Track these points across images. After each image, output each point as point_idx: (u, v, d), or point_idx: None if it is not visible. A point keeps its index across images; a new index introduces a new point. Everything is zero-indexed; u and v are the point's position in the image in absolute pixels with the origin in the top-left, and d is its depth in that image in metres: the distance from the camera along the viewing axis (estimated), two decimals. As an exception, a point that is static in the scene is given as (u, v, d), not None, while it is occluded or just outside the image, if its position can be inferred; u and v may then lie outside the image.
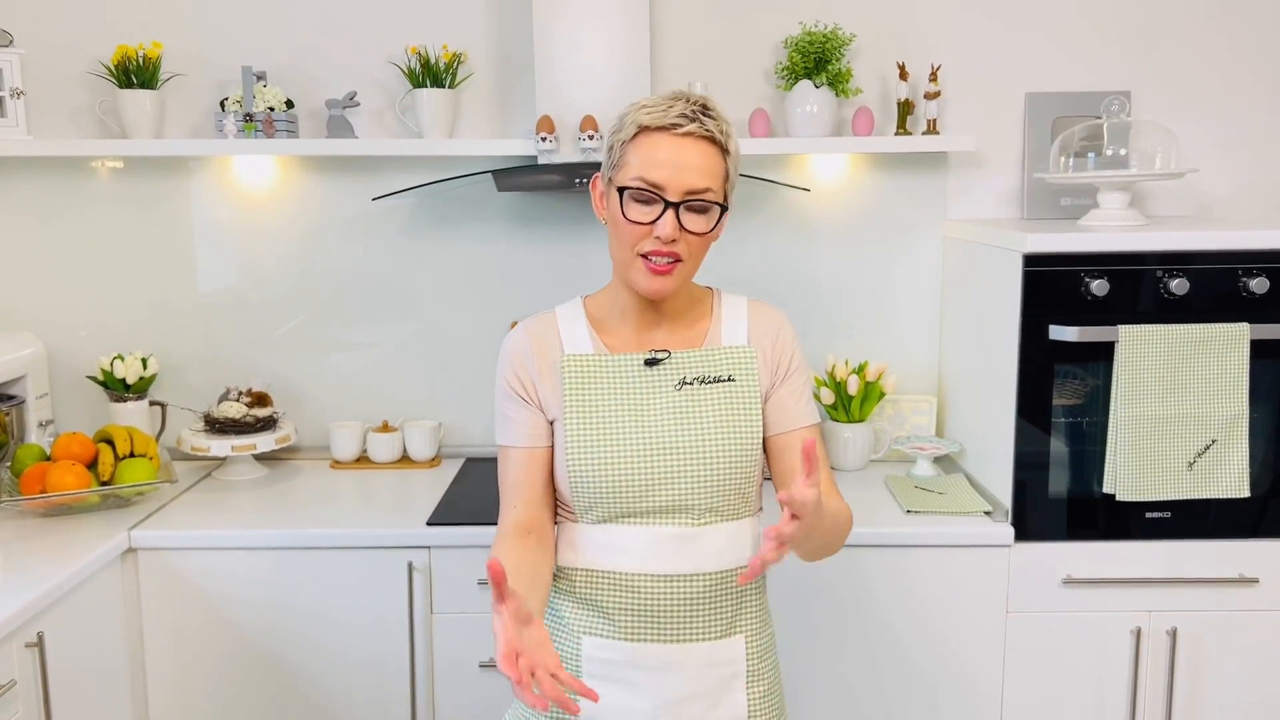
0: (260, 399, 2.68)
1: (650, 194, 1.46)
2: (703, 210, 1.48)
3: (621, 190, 1.48)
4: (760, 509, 1.61)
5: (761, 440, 1.57)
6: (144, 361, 2.67)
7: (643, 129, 1.47)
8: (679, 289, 1.53)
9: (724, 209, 1.50)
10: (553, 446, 1.57)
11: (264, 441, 2.59)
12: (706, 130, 1.47)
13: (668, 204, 1.46)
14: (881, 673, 2.31)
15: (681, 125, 1.46)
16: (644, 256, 1.48)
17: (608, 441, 1.52)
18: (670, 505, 1.52)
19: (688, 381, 1.55)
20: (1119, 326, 2.17)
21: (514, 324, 2.73)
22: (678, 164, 1.45)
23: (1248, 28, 2.69)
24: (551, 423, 1.57)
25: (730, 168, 1.51)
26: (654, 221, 1.46)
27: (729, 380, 1.56)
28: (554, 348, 1.58)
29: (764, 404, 1.58)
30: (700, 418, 1.53)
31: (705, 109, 1.48)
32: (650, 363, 1.56)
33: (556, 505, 1.60)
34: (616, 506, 1.52)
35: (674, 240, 1.46)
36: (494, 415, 1.61)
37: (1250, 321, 2.17)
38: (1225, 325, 2.17)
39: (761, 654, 1.60)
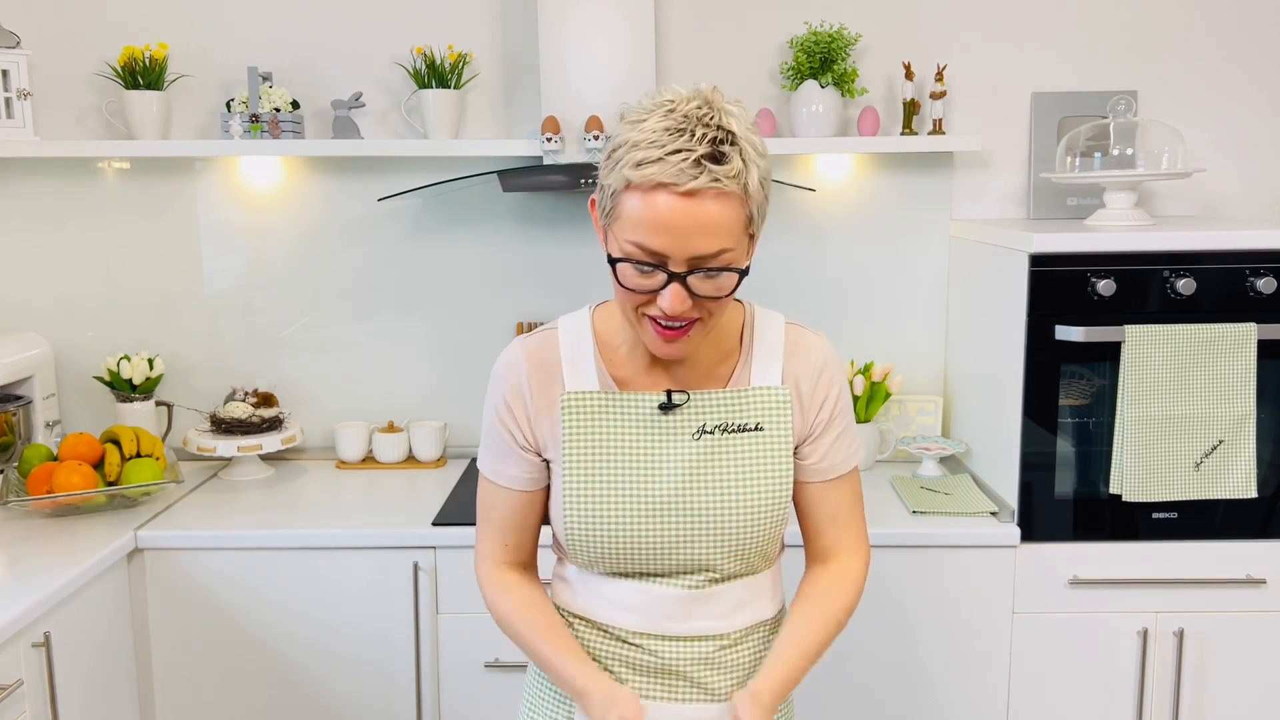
0: (266, 399, 2.68)
1: (649, 265, 1.21)
2: (717, 274, 1.22)
3: (613, 261, 1.23)
4: (782, 548, 1.47)
5: (790, 494, 1.38)
6: (150, 362, 2.68)
7: (639, 181, 1.19)
8: (701, 345, 1.30)
9: (743, 273, 1.24)
10: (549, 485, 1.39)
11: (270, 442, 2.59)
12: (717, 181, 1.17)
13: (671, 275, 1.20)
14: (888, 673, 2.30)
15: (682, 183, 1.16)
16: (652, 317, 1.25)
17: (612, 497, 1.32)
18: (683, 568, 1.35)
19: (708, 430, 1.33)
20: (1125, 327, 2.17)
21: (519, 325, 2.74)
22: (682, 227, 1.17)
23: (1255, 27, 2.68)
24: (549, 462, 1.38)
25: (754, 208, 1.23)
26: (657, 290, 1.22)
27: (757, 429, 1.34)
28: (554, 380, 1.36)
29: (797, 449, 1.38)
30: (721, 473, 1.33)
31: (717, 144, 1.18)
32: (666, 407, 1.33)
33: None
34: (620, 567, 1.36)
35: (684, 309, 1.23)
36: (480, 440, 1.42)
37: (1257, 321, 2.17)
38: (1232, 325, 2.16)
39: (781, 710, 1.45)
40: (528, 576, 1.44)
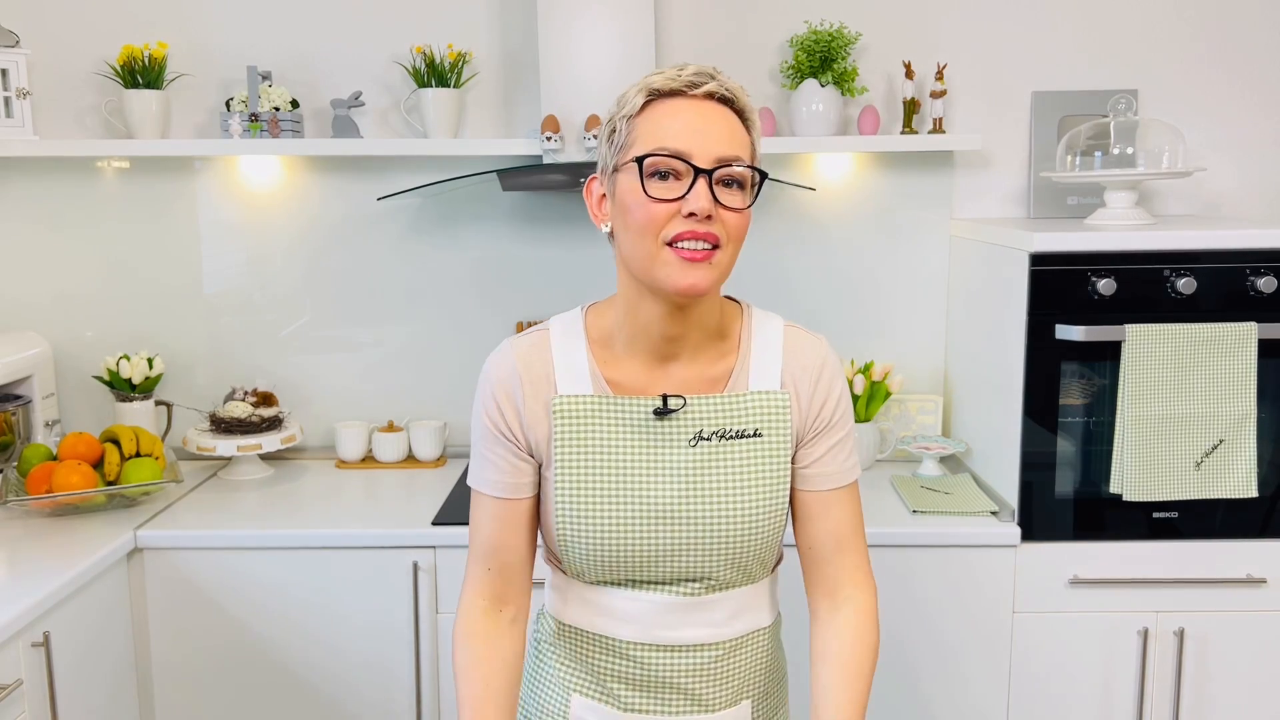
0: (266, 399, 2.68)
1: (675, 162, 1.22)
2: (737, 184, 1.24)
3: (641, 160, 1.23)
4: (780, 558, 1.43)
5: (788, 501, 1.35)
6: (150, 361, 2.68)
7: (654, 95, 1.25)
8: (717, 285, 1.27)
9: (763, 176, 1.27)
10: (539, 495, 1.36)
11: (269, 441, 2.59)
12: (728, 91, 1.25)
13: (698, 172, 1.22)
14: (887, 673, 2.30)
15: (700, 84, 1.24)
16: (671, 245, 1.23)
17: (605, 504, 1.30)
18: (677, 576, 1.33)
19: (705, 437, 1.31)
20: (1126, 326, 2.16)
21: (519, 325, 2.74)
22: (702, 129, 1.23)
23: (1255, 27, 2.68)
24: (540, 467, 1.36)
25: (755, 139, 1.28)
26: (682, 197, 1.22)
27: (755, 435, 1.32)
28: (546, 382, 1.34)
29: (794, 454, 1.36)
30: (717, 481, 1.31)
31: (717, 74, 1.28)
32: (661, 413, 1.31)
33: (539, 553, 1.42)
34: (612, 575, 1.33)
35: (709, 217, 1.21)
36: (470, 451, 1.40)
37: (1258, 321, 2.17)
38: (1233, 324, 2.16)
39: (777, 714, 1.46)
40: (498, 630, 1.37)
